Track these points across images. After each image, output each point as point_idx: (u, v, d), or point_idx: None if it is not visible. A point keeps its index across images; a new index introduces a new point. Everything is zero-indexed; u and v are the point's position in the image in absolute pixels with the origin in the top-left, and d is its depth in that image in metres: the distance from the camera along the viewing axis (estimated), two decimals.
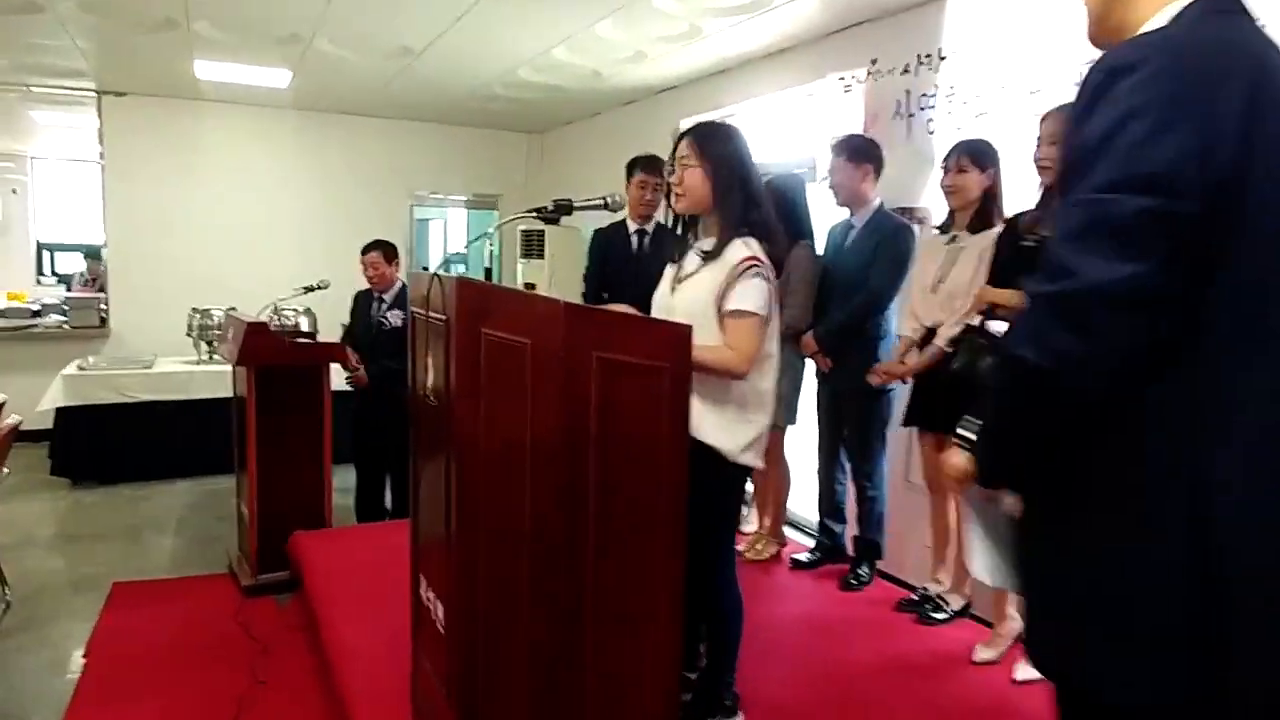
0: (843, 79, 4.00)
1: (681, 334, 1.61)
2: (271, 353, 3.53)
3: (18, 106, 6.52)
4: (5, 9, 4.05)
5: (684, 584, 1.61)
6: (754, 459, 2.05)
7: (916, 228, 3.38)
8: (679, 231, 2.22)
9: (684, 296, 2.07)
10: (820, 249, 3.48)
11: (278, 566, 3.60)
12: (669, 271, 2.20)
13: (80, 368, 5.10)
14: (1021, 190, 2.83)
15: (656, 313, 2.14)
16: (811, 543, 3.73)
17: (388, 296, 4.23)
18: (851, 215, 3.34)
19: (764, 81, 4.62)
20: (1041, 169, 2.56)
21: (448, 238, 9.40)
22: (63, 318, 6.11)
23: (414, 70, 5.10)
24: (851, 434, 3.40)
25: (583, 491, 1.52)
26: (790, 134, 4.64)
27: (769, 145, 4.75)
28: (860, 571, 3.40)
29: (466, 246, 8.41)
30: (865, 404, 3.27)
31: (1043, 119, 2.55)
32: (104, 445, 5.03)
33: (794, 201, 3.43)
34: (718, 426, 1.98)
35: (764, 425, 2.05)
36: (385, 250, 4.16)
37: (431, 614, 1.94)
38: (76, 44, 4.68)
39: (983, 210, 2.87)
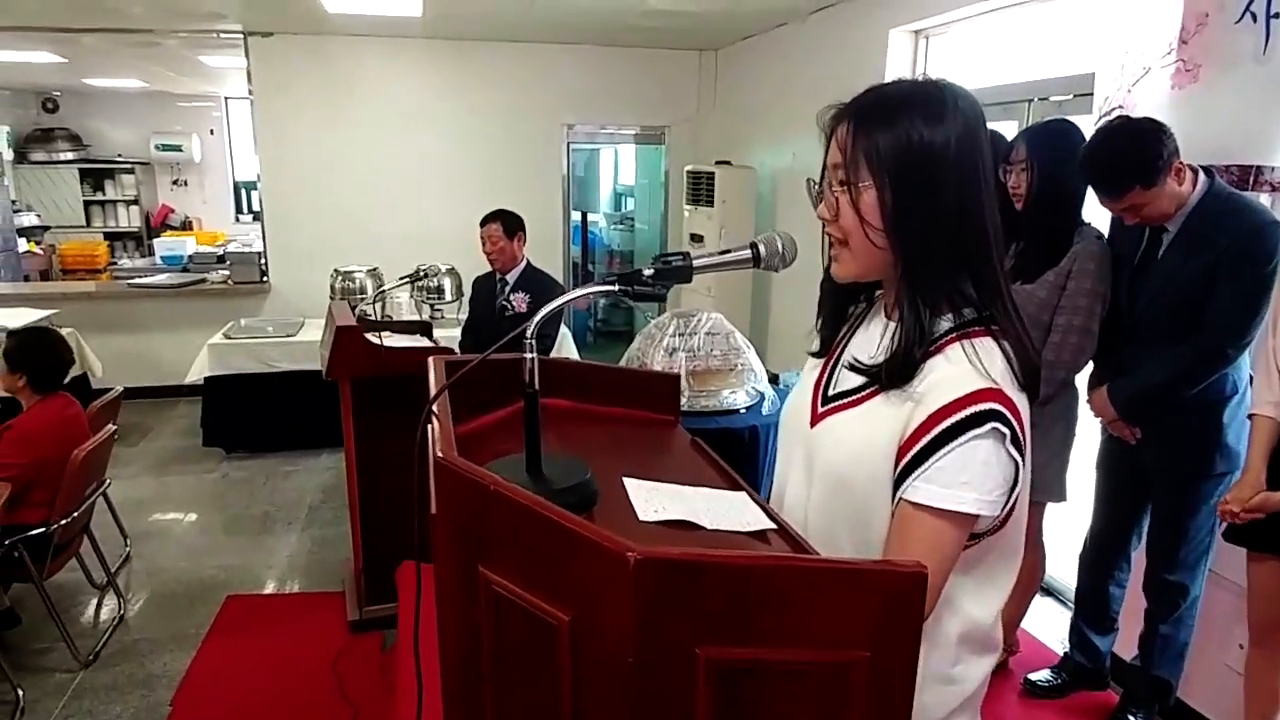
0: None
1: (900, 589, 0.72)
2: (368, 363, 2.98)
3: (182, 51, 6.43)
4: None
5: None
6: None
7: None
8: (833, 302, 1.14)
9: (836, 439, 1.03)
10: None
11: (387, 597, 3.14)
12: (809, 374, 1.15)
13: (227, 335, 4.92)
14: None
15: (788, 447, 1.14)
16: (1056, 654, 2.72)
17: (511, 277, 3.58)
18: None
19: None
20: None
21: (618, 170, 8.63)
22: (227, 272, 6.05)
23: None
24: (1162, 527, 2.28)
25: None
26: (1054, 47, 3.36)
27: (1019, 65, 3.53)
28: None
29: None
30: (1196, 488, 2.17)
31: None
32: (252, 414, 4.87)
33: (1068, 166, 2.22)
34: None
35: (979, 681, 1.05)
36: (507, 222, 3.48)
37: None
38: None
39: None
